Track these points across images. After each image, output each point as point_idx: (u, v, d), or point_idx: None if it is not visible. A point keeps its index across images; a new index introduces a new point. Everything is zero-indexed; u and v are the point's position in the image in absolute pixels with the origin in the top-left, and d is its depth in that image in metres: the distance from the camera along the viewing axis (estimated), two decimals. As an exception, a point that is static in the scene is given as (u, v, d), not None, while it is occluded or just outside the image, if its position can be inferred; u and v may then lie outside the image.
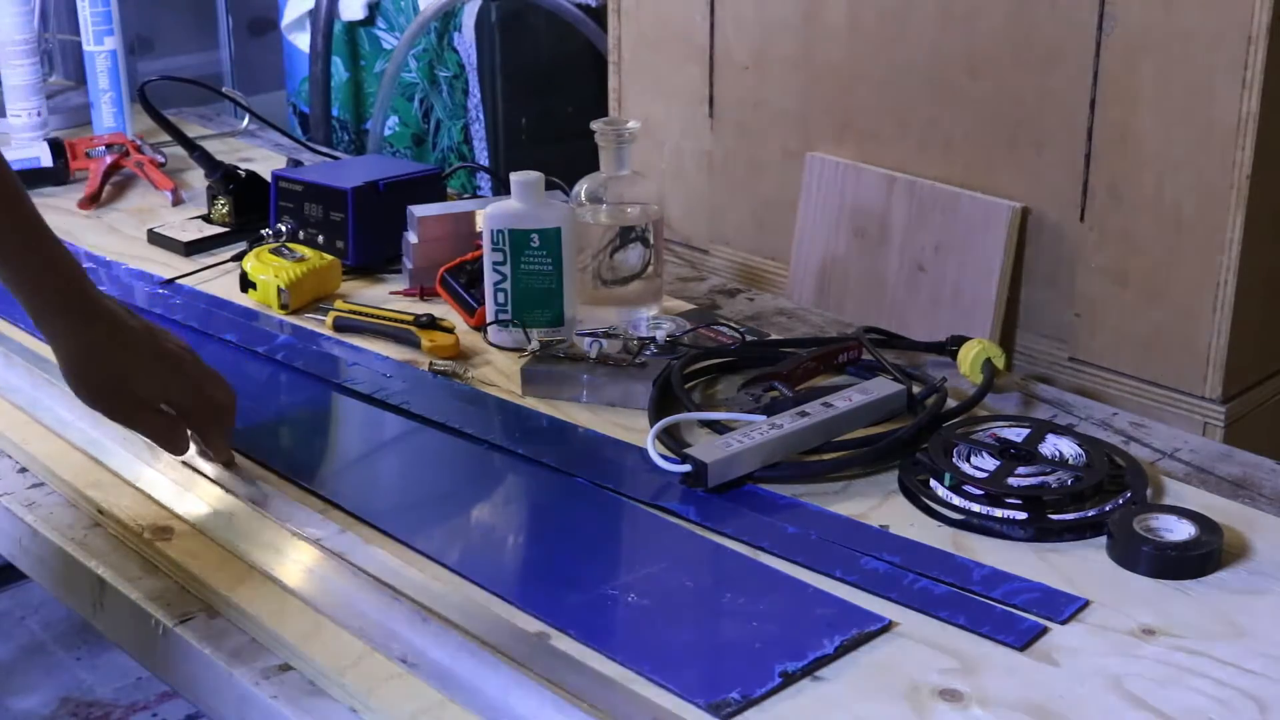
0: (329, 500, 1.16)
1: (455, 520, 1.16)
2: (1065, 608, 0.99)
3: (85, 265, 1.64)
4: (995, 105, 1.65)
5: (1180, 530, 1.07)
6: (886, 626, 0.98)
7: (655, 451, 1.20)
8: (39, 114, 2.16)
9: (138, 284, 1.63)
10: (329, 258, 1.60)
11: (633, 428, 1.27)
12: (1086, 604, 1.00)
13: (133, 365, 1.11)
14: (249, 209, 1.78)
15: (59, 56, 2.53)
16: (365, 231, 1.64)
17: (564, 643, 0.97)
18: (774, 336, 1.50)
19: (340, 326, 1.48)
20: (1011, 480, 1.13)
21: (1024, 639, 0.96)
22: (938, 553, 1.07)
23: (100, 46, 2.09)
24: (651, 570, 1.05)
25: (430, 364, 1.41)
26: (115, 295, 1.57)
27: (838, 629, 0.97)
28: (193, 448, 1.19)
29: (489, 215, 1.42)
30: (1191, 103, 1.48)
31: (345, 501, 1.15)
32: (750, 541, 1.08)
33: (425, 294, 1.57)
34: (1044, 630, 0.97)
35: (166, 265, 1.67)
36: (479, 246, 1.46)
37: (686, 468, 1.16)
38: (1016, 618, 0.98)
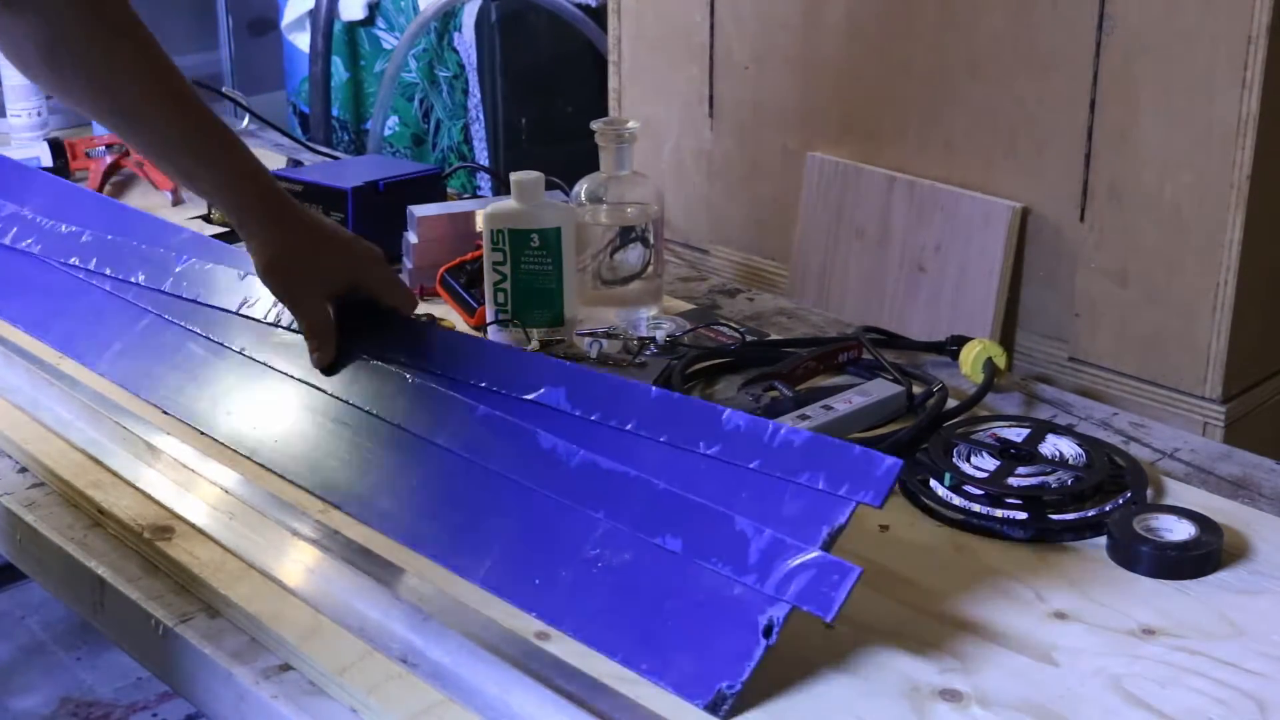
0: (328, 500, 1.15)
1: (432, 506, 1.13)
2: (834, 594, 0.90)
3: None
4: (995, 105, 1.65)
5: (1180, 530, 1.06)
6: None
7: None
8: (39, 114, 2.16)
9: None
10: (329, 258, 1.60)
11: (633, 428, 1.27)
12: (861, 573, 0.91)
13: (312, 254, 1.25)
14: (249, 209, 1.78)
15: (59, 56, 2.53)
16: (365, 231, 1.62)
17: (563, 644, 0.96)
18: (774, 336, 1.50)
19: (340, 326, 1.48)
20: (1011, 480, 1.13)
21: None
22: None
23: (100, 46, 2.09)
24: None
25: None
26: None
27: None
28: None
29: (489, 215, 1.42)
30: (1191, 103, 1.48)
31: (339, 500, 1.15)
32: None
33: (425, 294, 1.57)
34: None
35: (166, 265, 1.67)
36: (479, 246, 1.46)
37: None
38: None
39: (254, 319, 1.33)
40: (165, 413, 1.29)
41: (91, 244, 1.54)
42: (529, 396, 1.12)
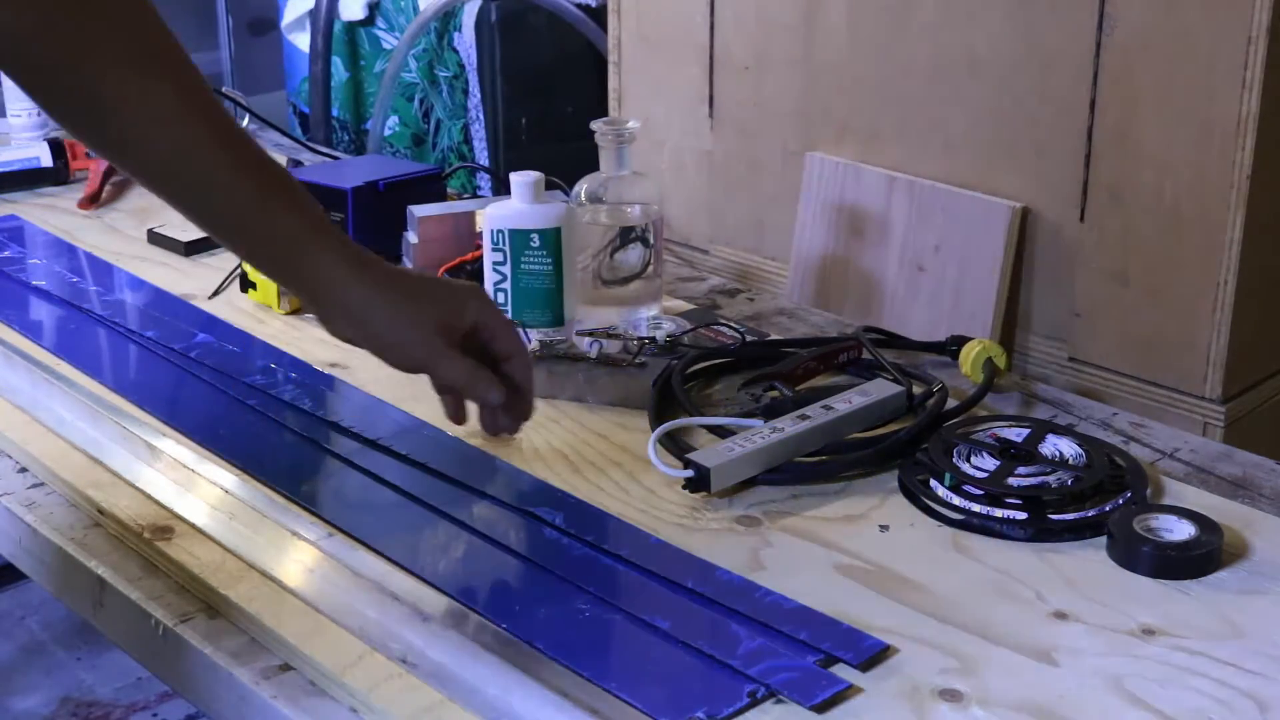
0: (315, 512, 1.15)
1: (428, 530, 1.13)
2: (819, 693, 0.90)
3: (76, 277, 1.66)
4: (995, 105, 1.65)
5: (1180, 530, 1.06)
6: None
7: (656, 458, 1.19)
8: (39, 114, 2.15)
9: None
10: (329, 258, 1.60)
11: (633, 428, 1.27)
12: (849, 687, 0.92)
13: (430, 302, 1.12)
14: (249, 209, 1.78)
15: (59, 56, 2.53)
16: (365, 231, 1.63)
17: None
18: (774, 336, 1.50)
19: (340, 326, 1.48)
20: (1011, 480, 1.13)
21: None
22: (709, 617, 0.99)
23: (100, 46, 2.09)
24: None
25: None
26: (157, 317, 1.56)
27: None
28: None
29: (489, 215, 1.42)
30: (1191, 103, 1.48)
31: (326, 511, 1.14)
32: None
33: (425, 294, 1.57)
34: None
35: (166, 264, 1.67)
36: (479, 246, 1.46)
37: (689, 473, 1.15)
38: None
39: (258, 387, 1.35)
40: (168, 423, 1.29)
41: (110, 300, 1.56)
42: (529, 508, 1.13)
